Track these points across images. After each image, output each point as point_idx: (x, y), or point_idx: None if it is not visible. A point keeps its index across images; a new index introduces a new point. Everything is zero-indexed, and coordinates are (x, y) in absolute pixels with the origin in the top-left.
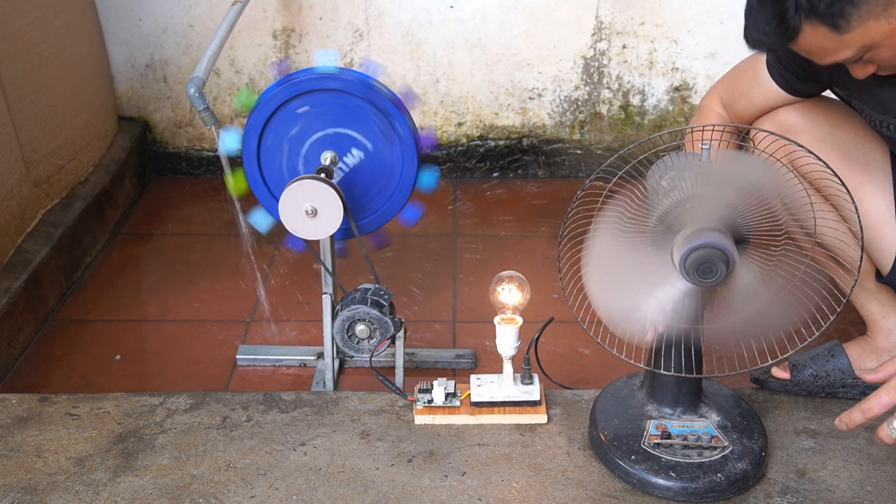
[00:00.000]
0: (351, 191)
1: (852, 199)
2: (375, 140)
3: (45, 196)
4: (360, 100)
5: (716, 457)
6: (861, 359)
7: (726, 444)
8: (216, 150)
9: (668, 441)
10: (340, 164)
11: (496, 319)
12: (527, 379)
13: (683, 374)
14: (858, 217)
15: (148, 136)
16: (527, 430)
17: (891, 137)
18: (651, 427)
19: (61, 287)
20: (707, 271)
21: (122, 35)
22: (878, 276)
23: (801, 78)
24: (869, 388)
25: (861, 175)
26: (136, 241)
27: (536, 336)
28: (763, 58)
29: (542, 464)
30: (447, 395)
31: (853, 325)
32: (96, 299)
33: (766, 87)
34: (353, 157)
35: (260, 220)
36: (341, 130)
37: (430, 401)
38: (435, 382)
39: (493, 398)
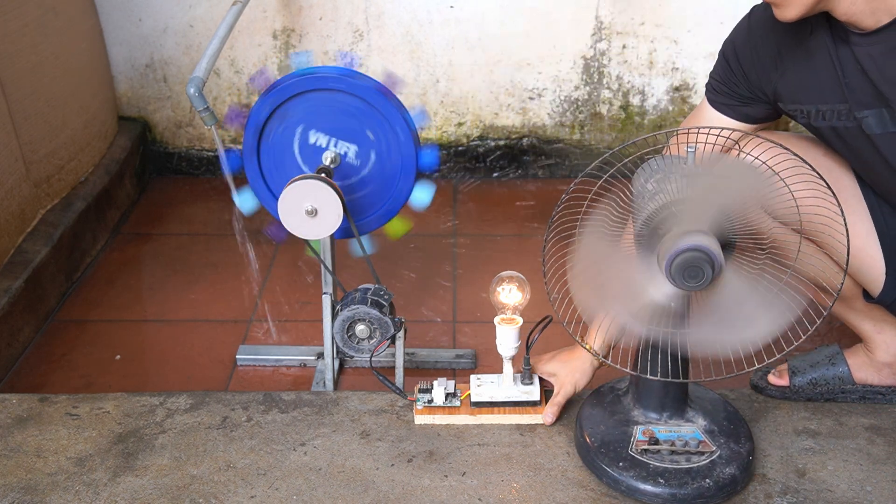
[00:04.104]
0: (351, 190)
1: (839, 203)
2: (375, 140)
3: (45, 196)
4: (360, 100)
5: (704, 462)
6: (861, 370)
7: (714, 448)
8: (216, 150)
9: (656, 447)
10: (341, 165)
11: (496, 320)
12: (527, 379)
13: (670, 379)
14: (846, 227)
15: (148, 136)
16: (527, 430)
17: (847, 129)
18: (638, 433)
19: (61, 287)
20: (693, 275)
21: (122, 35)
22: (867, 296)
23: (745, 101)
24: (869, 392)
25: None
26: (136, 241)
27: (533, 334)
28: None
29: (542, 464)
30: (447, 395)
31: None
32: (96, 299)
33: (714, 121)
34: (353, 157)
35: (246, 200)
36: (341, 130)
37: (430, 401)
38: (435, 382)
39: (493, 398)
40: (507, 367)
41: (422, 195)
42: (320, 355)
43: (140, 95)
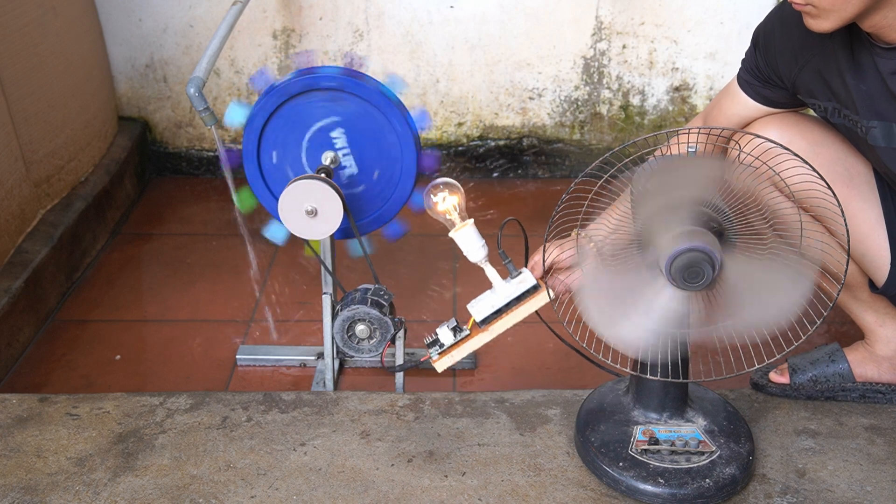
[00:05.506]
0: (351, 190)
1: (839, 204)
2: (376, 180)
3: (45, 196)
4: (359, 99)
5: (703, 462)
6: (861, 366)
7: (713, 448)
8: (216, 150)
9: (656, 447)
10: (341, 164)
11: (451, 233)
12: (514, 271)
13: (670, 379)
14: (846, 226)
15: (148, 136)
16: (527, 430)
17: (864, 129)
18: (638, 433)
19: (61, 287)
20: (694, 275)
21: (122, 35)
22: (872, 287)
23: (765, 83)
24: (869, 391)
25: (848, 189)
26: (136, 241)
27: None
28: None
29: (542, 464)
30: (453, 330)
31: (848, 325)
32: (96, 299)
33: (736, 97)
34: (346, 175)
35: (275, 232)
36: (360, 150)
37: (442, 345)
38: (437, 330)
39: (496, 306)
40: (490, 270)
41: (359, 247)
42: (320, 355)
43: (140, 95)
